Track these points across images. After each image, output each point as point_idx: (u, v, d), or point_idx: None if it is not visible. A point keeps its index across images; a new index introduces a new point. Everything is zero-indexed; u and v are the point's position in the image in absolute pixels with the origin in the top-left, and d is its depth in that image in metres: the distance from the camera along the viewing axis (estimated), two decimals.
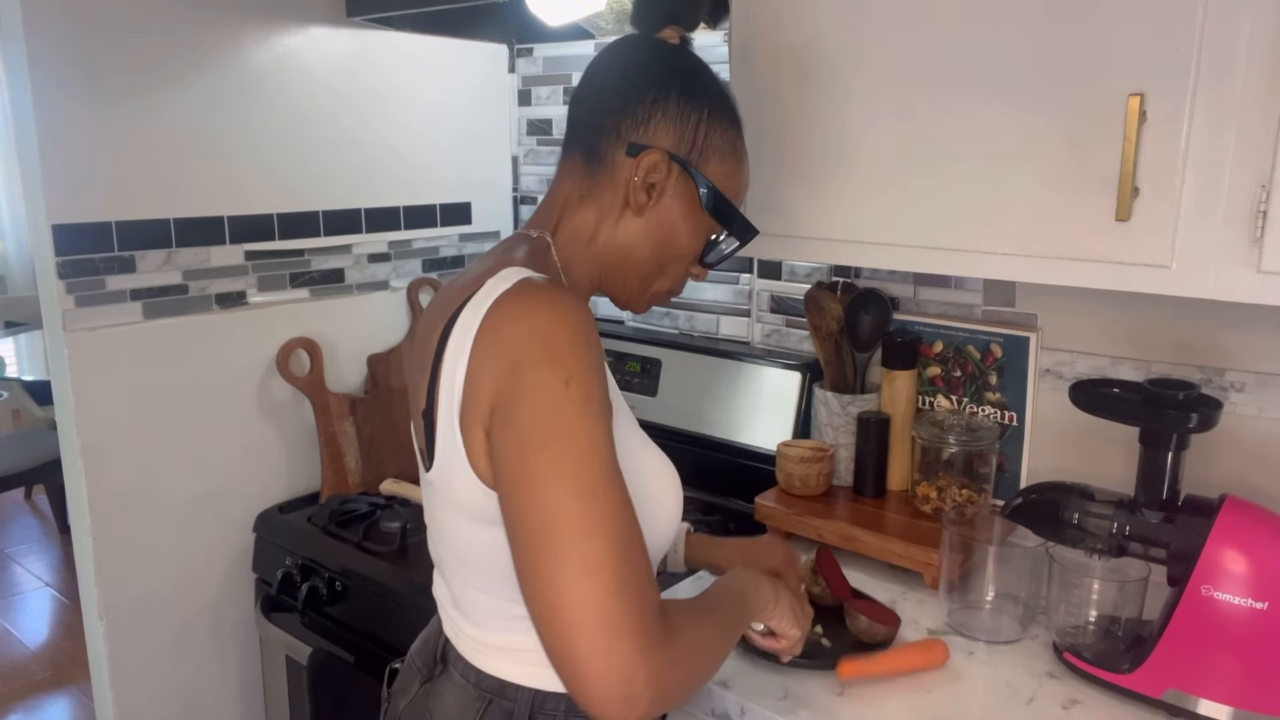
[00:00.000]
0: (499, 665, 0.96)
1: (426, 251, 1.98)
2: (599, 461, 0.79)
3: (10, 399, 4.01)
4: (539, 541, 0.78)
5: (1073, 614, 1.18)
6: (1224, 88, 0.95)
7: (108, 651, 1.61)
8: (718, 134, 0.97)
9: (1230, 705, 1.04)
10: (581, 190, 0.97)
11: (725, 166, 0.98)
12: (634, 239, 0.96)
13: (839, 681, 1.13)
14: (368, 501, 1.73)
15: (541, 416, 0.79)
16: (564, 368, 0.80)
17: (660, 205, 0.96)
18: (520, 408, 0.79)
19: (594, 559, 0.76)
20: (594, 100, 0.97)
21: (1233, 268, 0.97)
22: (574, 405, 0.79)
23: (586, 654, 0.76)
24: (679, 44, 1.01)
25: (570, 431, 0.79)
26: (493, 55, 2.04)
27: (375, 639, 1.53)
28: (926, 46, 1.14)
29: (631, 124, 0.94)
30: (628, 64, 0.98)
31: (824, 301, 1.54)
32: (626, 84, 0.96)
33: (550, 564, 0.77)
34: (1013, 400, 1.47)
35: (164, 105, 1.55)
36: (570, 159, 0.99)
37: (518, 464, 0.79)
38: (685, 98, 0.95)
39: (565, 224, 0.97)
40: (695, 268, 1.03)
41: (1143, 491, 1.12)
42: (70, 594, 3.56)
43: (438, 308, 0.93)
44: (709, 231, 1.00)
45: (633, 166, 0.93)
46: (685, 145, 0.95)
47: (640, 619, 0.77)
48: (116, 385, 1.56)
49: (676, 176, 0.95)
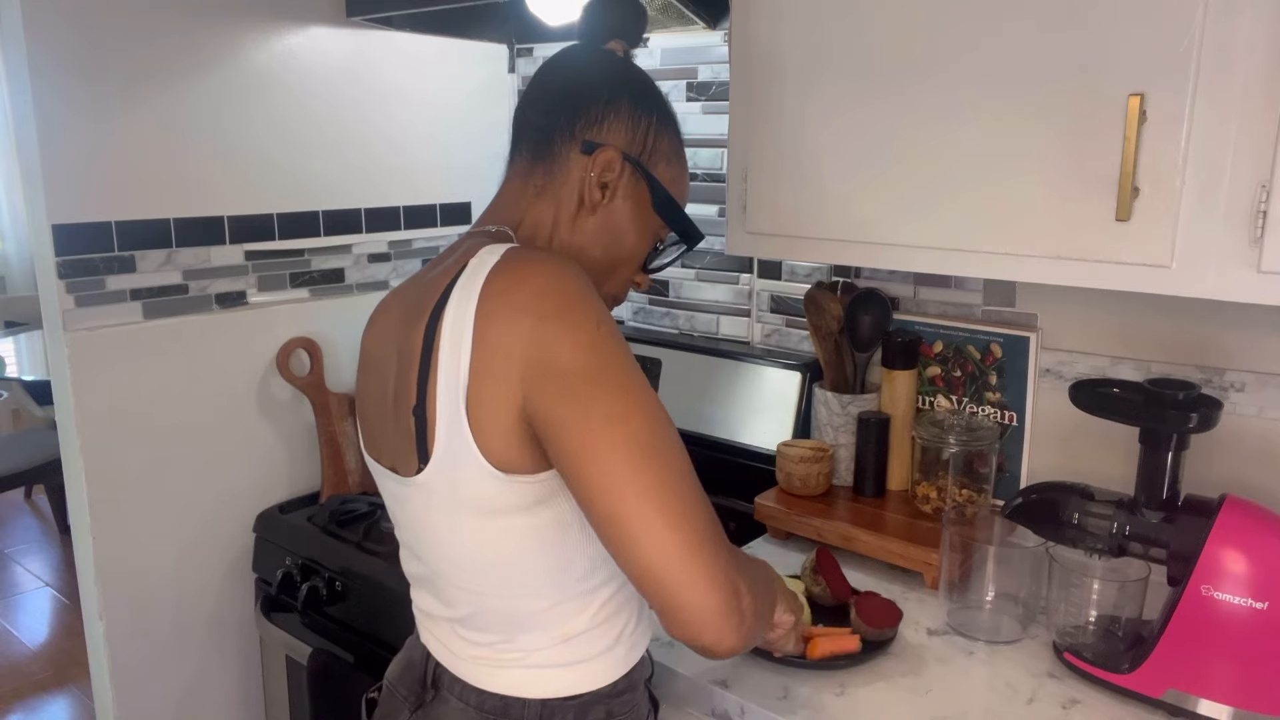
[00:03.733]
0: (503, 679, 0.94)
1: (426, 251, 1.98)
2: (650, 395, 0.82)
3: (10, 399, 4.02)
4: (615, 476, 0.78)
5: (1073, 614, 1.18)
6: (1224, 87, 0.95)
7: (108, 651, 1.61)
8: (665, 140, 1.00)
9: (1230, 705, 1.04)
10: (536, 188, 0.98)
11: (672, 171, 1.01)
12: (587, 239, 0.97)
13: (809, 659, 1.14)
14: (368, 501, 1.73)
15: (585, 361, 0.80)
16: (589, 311, 0.82)
17: (612, 205, 0.97)
18: (560, 357, 0.79)
19: (668, 501, 0.79)
20: (546, 102, 0.98)
21: (1232, 268, 0.97)
22: (612, 343, 0.81)
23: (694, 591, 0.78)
24: (624, 56, 1.03)
25: (619, 367, 0.81)
26: (493, 55, 2.04)
27: (375, 639, 1.53)
28: (927, 46, 1.14)
29: (585, 123, 0.96)
30: (580, 69, 1.00)
31: (824, 301, 1.54)
32: (580, 86, 0.98)
33: (622, 510, 0.78)
34: (1013, 400, 1.47)
35: (164, 105, 1.55)
36: (520, 159, 1.00)
37: (575, 411, 0.79)
38: (636, 102, 0.98)
39: (525, 220, 0.97)
40: (639, 275, 1.04)
41: (1143, 491, 1.12)
42: (70, 594, 3.56)
43: (406, 309, 0.92)
44: (655, 235, 1.01)
45: (588, 163, 0.95)
46: (637, 146, 0.97)
47: (720, 537, 0.81)
48: (116, 385, 1.55)
49: (628, 177, 0.97)
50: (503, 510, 0.86)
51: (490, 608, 0.93)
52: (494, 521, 0.87)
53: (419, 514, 0.93)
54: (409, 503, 0.93)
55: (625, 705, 0.98)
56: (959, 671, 1.17)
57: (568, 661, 0.94)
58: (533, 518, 0.87)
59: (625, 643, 0.98)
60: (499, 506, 0.86)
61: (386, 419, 0.94)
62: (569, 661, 0.94)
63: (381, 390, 0.95)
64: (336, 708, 1.54)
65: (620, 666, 0.98)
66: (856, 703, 1.10)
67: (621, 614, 0.97)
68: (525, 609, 0.92)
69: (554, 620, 0.93)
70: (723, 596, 0.79)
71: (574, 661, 0.95)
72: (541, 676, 0.94)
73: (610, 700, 0.97)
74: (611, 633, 0.96)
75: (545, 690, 0.94)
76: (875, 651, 1.18)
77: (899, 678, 1.15)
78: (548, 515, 0.87)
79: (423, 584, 1.00)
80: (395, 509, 0.98)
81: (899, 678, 1.15)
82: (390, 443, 0.94)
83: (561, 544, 0.89)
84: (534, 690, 0.94)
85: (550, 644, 0.93)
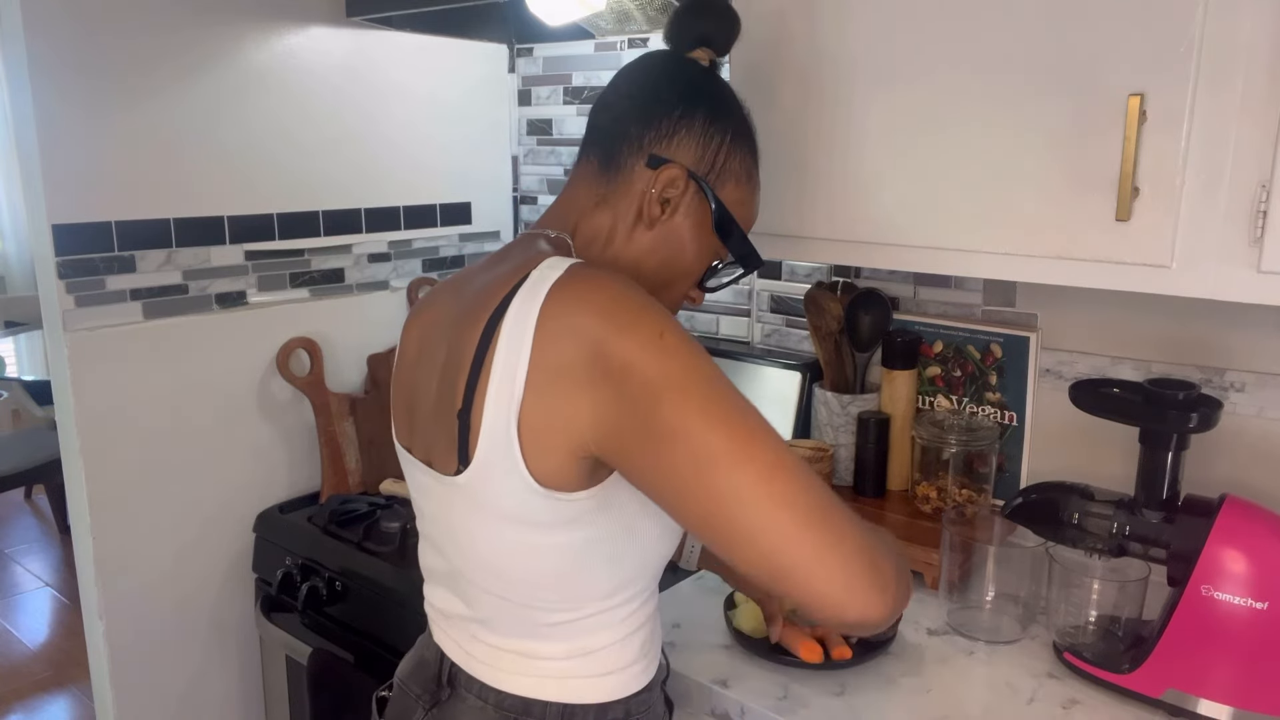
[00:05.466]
0: (523, 682, 0.93)
1: (426, 251, 1.98)
2: (731, 392, 0.79)
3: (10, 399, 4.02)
4: (717, 494, 0.76)
5: (1073, 614, 1.18)
6: (1224, 87, 0.95)
7: (108, 651, 1.61)
8: (737, 160, 0.97)
9: (1230, 705, 1.04)
10: (597, 196, 0.95)
11: (740, 193, 0.98)
12: (643, 252, 0.95)
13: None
14: (368, 501, 1.73)
15: (666, 368, 0.77)
16: (652, 325, 0.79)
17: (672, 221, 0.95)
18: (637, 369, 0.77)
19: (775, 482, 0.76)
20: (620, 108, 0.96)
21: (1232, 268, 0.97)
22: (682, 350, 0.78)
23: (824, 571, 0.75)
24: (709, 66, 1.00)
25: (699, 369, 0.78)
26: (493, 55, 2.04)
27: (375, 639, 1.53)
28: (927, 47, 1.14)
29: (655, 136, 0.94)
30: (658, 77, 0.97)
31: (824, 301, 1.54)
32: (655, 96, 0.95)
33: (738, 510, 0.75)
34: (1013, 400, 1.47)
35: (164, 105, 1.55)
36: (587, 163, 0.97)
37: (655, 431, 0.76)
38: (711, 119, 0.95)
39: (583, 227, 0.95)
40: (694, 290, 1.02)
41: (1143, 491, 1.12)
42: (70, 594, 3.56)
43: (462, 308, 0.89)
44: (714, 255, 0.99)
45: (651, 178, 0.93)
46: (705, 165, 0.95)
47: (841, 509, 0.78)
48: (116, 385, 1.55)
49: (692, 195, 0.95)
50: (536, 525, 0.85)
51: (512, 613, 0.92)
52: (526, 534, 0.86)
53: (449, 512, 0.91)
54: (440, 499, 0.92)
55: (642, 705, 0.98)
56: (959, 671, 1.17)
57: (588, 674, 0.94)
58: (564, 536, 0.86)
59: (645, 656, 0.98)
60: (534, 520, 0.85)
61: (426, 412, 0.93)
62: (589, 674, 0.94)
63: (425, 383, 0.93)
64: (336, 708, 1.54)
65: (641, 679, 0.97)
66: (856, 703, 1.10)
67: (643, 629, 0.97)
68: (548, 620, 0.91)
69: (575, 634, 0.92)
70: (865, 577, 0.76)
71: (595, 674, 0.94)
72: (562, 684, 0.93)
73: (628, 701, 0.96)
74: (632, 647, 0.96)
75: (565, 694, 0.93)
76: (875, 651, 1.18)
77: (899, 678, 1.15)
78: (579, 535, 0.86)
79: (442, 580, 0.99)
80: (422, 501, 0.96)
81: (899, 678, 1.15)
82: (428, 436, 0.92)
83: (590, 564, 0.89)
84: (554, 695, 0.93)
85: (571, 655, 0.93)
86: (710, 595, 1.35)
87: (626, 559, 0.91)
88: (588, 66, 1.97)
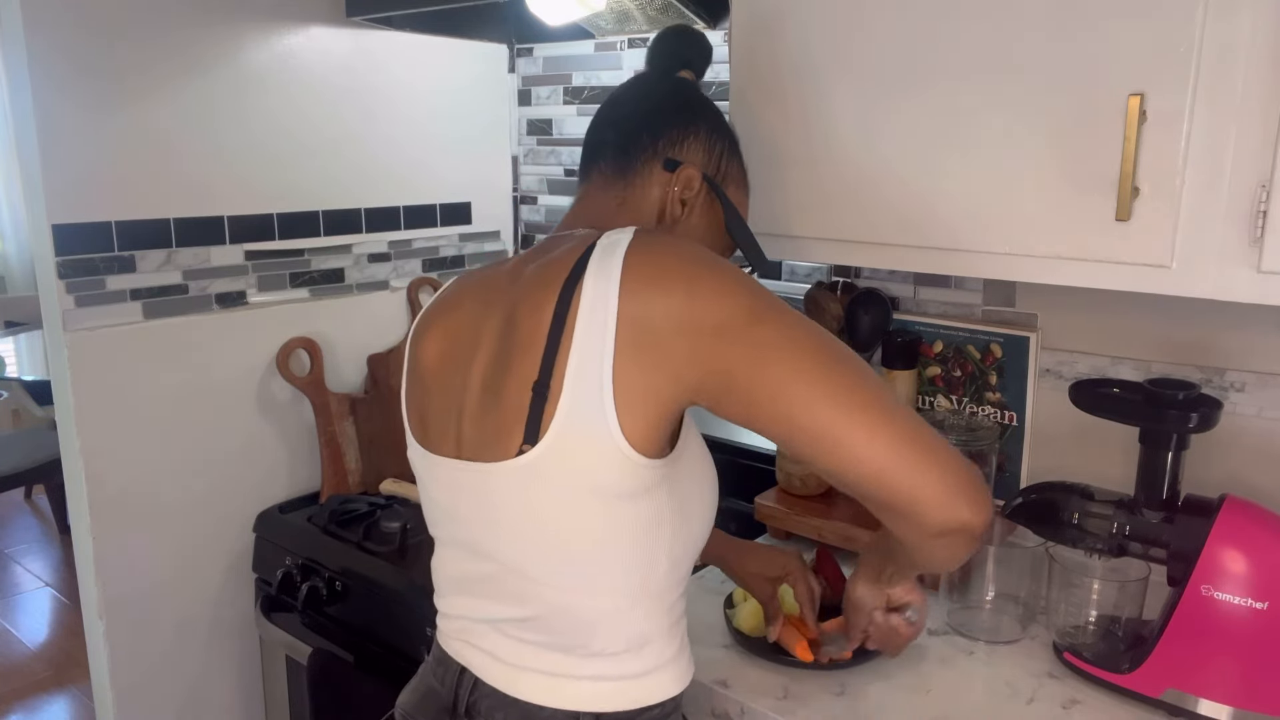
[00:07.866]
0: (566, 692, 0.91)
1: (426, 251, 1.98)
2: (822, 333, 0.83)
3: (10, 399, 4.02)
4: (827, 394, 0.79)
5: (1073, 614, 1.18)
6: (1224, 87, 0.95)
7: (108, 651, 1.61)
8: (735, 166, 1.06)
9: (1230, 705, 1.04)
10: (618, 199, 1.00)
11: (738, 197, 1.07)
12: None
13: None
14: (368, 501, 1.73)
15: (749, 299, 0.81)
16: (730, 267, 0.84)
17: (689, 222, 1.02)
18: (725, 308, 0.81)
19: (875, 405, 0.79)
20: (626, 123, 1.02)
21: (1232, 268, 0.97)
22: (761, 287, 0.83)
23: (934, 472, 0.78)
24: (695, 84, 1.08)
25: (776, 300, 0.83)
26: (492, 55, 2.04)
27: (375, 639, 1.53)
28: (926, 46, 1.14)
29: (667, 142, 1.00)
30: (661, 93, 1.04)
31: (824, 301, 1.54)
32: (659, 108, 1.02)
33: (845, 415, 0.78)
34: (1013, 400, 1.47)
35: (164, 105, 1.55)
36: (599, 172, 1.02)
37: (759, 346, 0.80)
38: (712, 128, 1.03)
39: (607, 228, 0.95)
40: None
41: (1143, 491, 1.12)
42: (70, 594, 3.56)
43: (525, 291, 0.89)
44: (724, 254, 1.04)
45: (671, 179, 0.99)
46: (712, 168, 1.02)
47: (918, 419, 0.81)
48: (116, 385, 1.55)
49: (705, 196, 1.02)
50: (613, 493, 0.85)
51: (564, 605, 0.90)
52: (599, 505, 0.85)
53: (501, 500, 0.89)
54: (483, 492, 0.90)
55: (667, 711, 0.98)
56: (959, 671, 1.17)
57: (637, 672, 0.93)
58: (635, 505, 0.86)
59: (685, 651, 0.98)
60: (612, 488, 0.84)
61: (464, 406, 0.91)
62: (638, 672, 0.93)
63: (455, 380, 0.93)
64: (336, 708, 1.54)
65: (684, 677, 0.97)
66: (856, 703, 1.10)
67: (683, 621, 0.98)
68: (602, 608, 0.89)
69: (628, 622, 0.91)
70: (964, 476, 0.79)
71: (643, 672, 0.93)
72: (610, 688, 0.92)
73: (665, 705, 0.96)
74: (677, 638, 0.96)
75: (610, 703, 0.92)
76: (875, 651, 1.18)
77: (899, 677, 1.15)
78: (648, 505, 0.87)
79: (474, 587, 0.95)
80: (457, 502, 0.94)
81: (899, 677, 1.15)
82: (469, 430, 0.91)
83: (654, 538, 0.89)
84: (599, 703, 0.92)
85: (623, 648, 0.92)
86: (710, 595, 1.35)
87: (679, 540, 0.91)
88: (588, 66, 1.97)
